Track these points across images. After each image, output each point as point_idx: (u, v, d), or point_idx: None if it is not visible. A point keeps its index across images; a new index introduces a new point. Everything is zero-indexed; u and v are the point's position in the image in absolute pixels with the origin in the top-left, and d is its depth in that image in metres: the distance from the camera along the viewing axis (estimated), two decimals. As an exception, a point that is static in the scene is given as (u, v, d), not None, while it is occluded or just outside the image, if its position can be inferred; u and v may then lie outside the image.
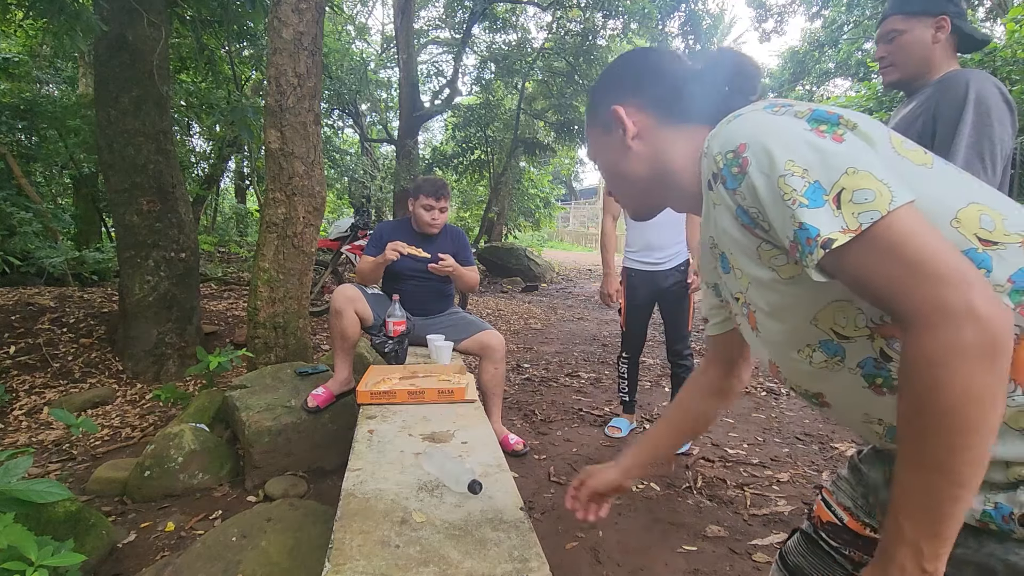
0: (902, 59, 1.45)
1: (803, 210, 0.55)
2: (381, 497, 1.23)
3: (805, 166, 0.55)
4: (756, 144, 0.59)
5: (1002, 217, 0.59)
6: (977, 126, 1.29)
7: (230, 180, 12.31)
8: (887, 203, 0.52)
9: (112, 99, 3.41)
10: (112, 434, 2.77)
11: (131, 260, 3.49)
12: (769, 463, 2.56)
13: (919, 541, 0.52)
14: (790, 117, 0.60)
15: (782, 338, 0.70)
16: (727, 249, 0.70)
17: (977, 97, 1.29)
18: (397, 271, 2.64)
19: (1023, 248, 0.58)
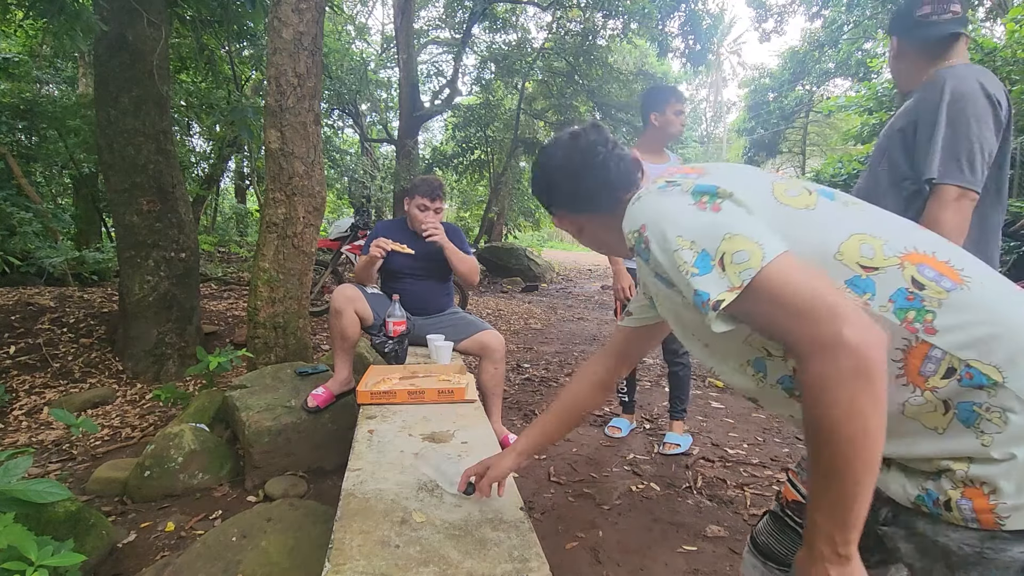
0: (893, 72, 1.54)
1: (695, 278, 0.66)
2: (381, 497, 1.23)
3: (692, 239, 0.67)
4: (652, 225, 0.72)
5: (882, 243, 0.68)
6: (952, 126, 1.26)
7: (230, 180, 12.32)
8: (760, 260, 0.62)
9: (112, 99, 3.41)
10: (112, 434, 2.77)
11: (131, 260, 3.49)
12: (769, 463, 2.56)
13: (831, 532, 0.62)
14: (677, 195, 0.72)
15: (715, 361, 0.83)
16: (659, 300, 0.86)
17: (952, 96, 1.27)
18: (395, 270, 2.64)
19: (900, 269, 0.66)
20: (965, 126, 1.24)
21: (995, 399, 0.63)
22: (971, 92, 1.26)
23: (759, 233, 0.65)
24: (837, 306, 0.58)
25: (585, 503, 2.17)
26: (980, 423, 0.64)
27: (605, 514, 2.09)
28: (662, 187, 0.76)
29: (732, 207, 0.68)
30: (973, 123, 1.24)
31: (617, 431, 2.85)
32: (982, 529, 0.65)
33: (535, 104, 12.18)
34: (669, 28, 10.06)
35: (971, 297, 0.65)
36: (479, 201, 14.48)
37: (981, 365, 0.63)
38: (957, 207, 1.23)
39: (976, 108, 1.25)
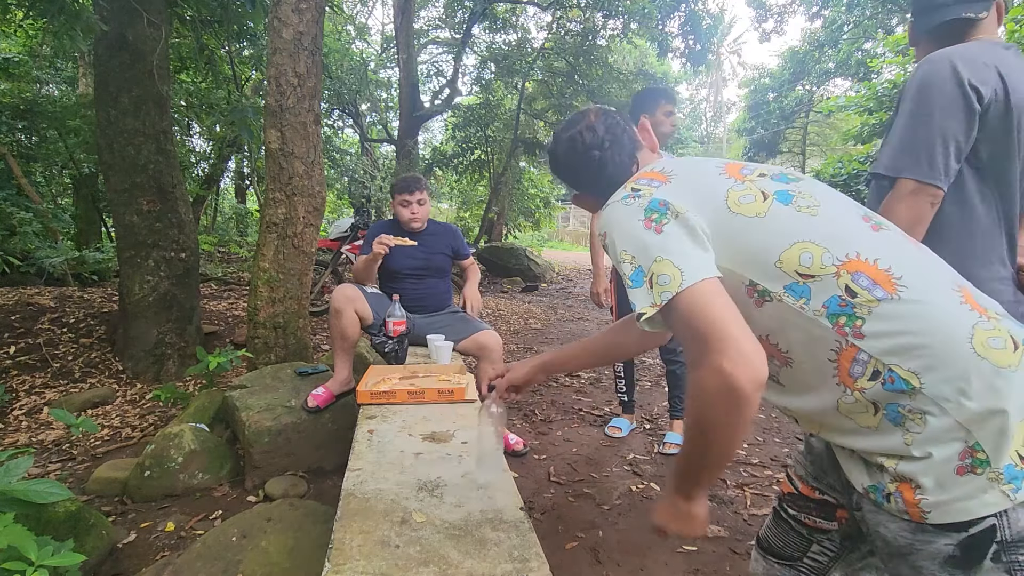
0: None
1: (631, 290, 0.78)
2: (381, 497, 1.23)
3: (633, 254, 0.78)
4: (611, 234, 0.84)
5: (822, 251, 0.74)
6: (912, 116, 1.16)
7: (230, 180, 12.32)
8: (677, 285, 0.72)
9: (112, 99, 3.41)
10: (112, 434, 2.77)
11: (131, 260, 3.48)
12: (769, 463, 2.56)
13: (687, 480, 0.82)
14: (634, 210, 0.81)
15: None
16: None
17: (919, 84, 1.17)
18: (395, 269, 2.64)
19: (835, 278, 0.73)
20: (927, 116, 1.14)
21: (915, 402, 0.69)
22: (938, 79, 1.14)
23: (686, 258, 0.74)
24: (727, 339, 0.68)
25: (585, 503, 2.17)
26: (905, 423, 0.71)
27: (605, 514, 2.09)
28: (624, 198, 0.85)
29: (675, 229, 0.77)
30: (936, 112, 1.14)
31: (617, 431, 2.84)
32: (912, 521, 0.71)
33: (535, 104, 12.17)
34: (669, 28, 10.06)
35: (900, 307, 0.71)
36: (479, 201, 14.48)
37: (901, 371, 0.70)
38: (912, 201, 1.15)
39: (942, 96, 1.14)
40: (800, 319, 0.75)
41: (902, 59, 11.42)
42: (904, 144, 1.17)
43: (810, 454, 0.96)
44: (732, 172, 0.84)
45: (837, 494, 0.91)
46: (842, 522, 0.93)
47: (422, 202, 2.64)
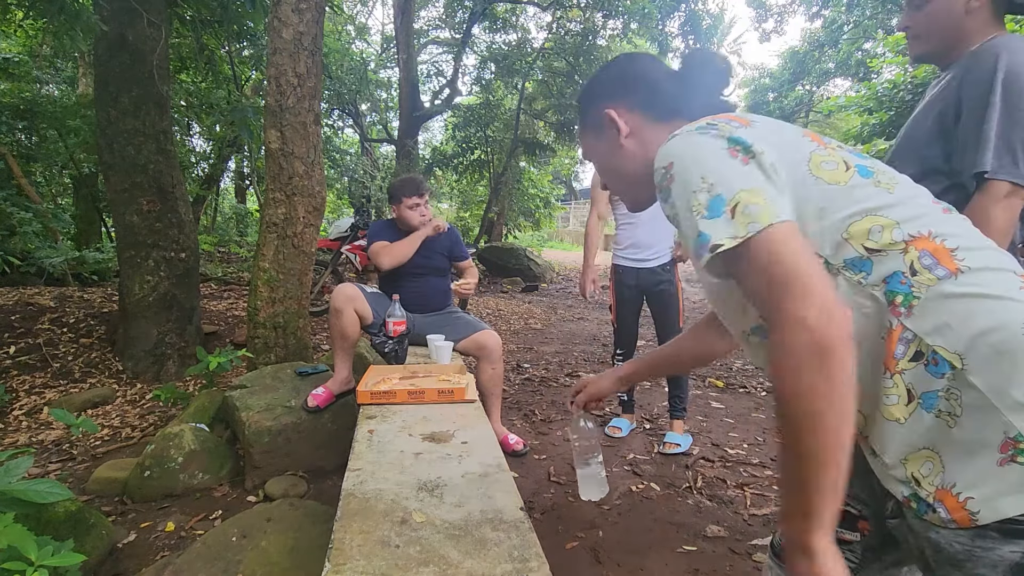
0: (927, 29, 1.24)
1: (703, 220, 0.66)
2: (381, 497, 1.23)
3: (713, 180, 0.67)
4: (680, 162, 0.71)
5: (893, 226, 0.69)
6: (1007, 112, 1.07)
7: (230, 180, 12.32)
8: (768, 218, 0.63)
9: (112, 99, 3.41)
10: (112, 434, 2.77)
11: (131, 260, 3.49)
12: (769, 463, 2.56)
13: (796, 516, 0.61)
14: (713, 137, 0.71)
15: (728, 322, 0.85)
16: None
17: (1007, 75, 1.06)
18: (396, 269, 2.65)
19: (903, 253, 0.68)
20: (1020, 111, 1.06)
21: (955, 384, 0.64)
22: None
23: (775, 197, 0.66)
24: (813, 288, 0.59)
25: (585, 503, 2.17)
26: (940, 412, 0.65)
27: (605, 514, 2.09)
28: (700, 128, 0.75)
29: (757, 167, 0.69)
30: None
31: (617, 431, 2.84)
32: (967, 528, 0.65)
33: (535, 104, 12.17)
34: (669, 28, 10.06)
35: (956, 288, 0.66)
36: (479, 201, 14.48)
37: (946, 352, 0.64)
38: (1007, 204, 1.08)
39: None
40: (856, 295, 0.69)
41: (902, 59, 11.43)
42: (1004, 140, 1.07)
43: None
44: (814, 137, 0.79)
45: (860, 504, 0.85)
46: (864, 533, 0.86)
47: (428, 203, 2.70)
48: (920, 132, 1.25)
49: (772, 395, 0.62)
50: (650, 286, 2.72)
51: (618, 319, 2.83)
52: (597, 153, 0.95)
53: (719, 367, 4.32)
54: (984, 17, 1.19)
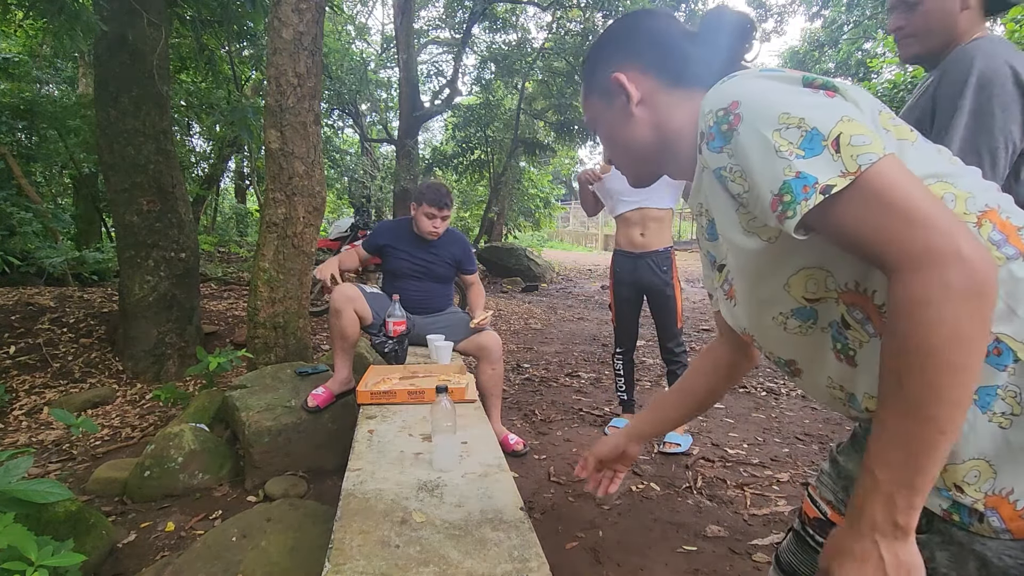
0: (924, 30, 1.23)
1: (800, 161, 0.55)
2: (381, 497, 1.23)
3: (801, 116, 0.56)
4: (750, 101, 0.59)
5: (966, 197, 0.61)
6: (976, 115, 1.09)
7: (230, 180, 12.33)
8: (881, 147, 0.53)
9: (112, 99, 3.41)
10: (112, 434, 2.77)
11: (131, 260, 3.49)
12: (769, 463, 2.56)
13: (893, 492, 0.52)
14: (785, 76, 0.62)
15: (757, 306, 0.72)
16: (714, 214, 0.71)
17: (979, 80, 1.09)
18: (397, 269, 2.66)
19: (977, 227, 0.60)
20: (990, 117, 1.08)
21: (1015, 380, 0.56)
22: (1002, 76, 1.08)
23: (875, 128, 0.57)
24: (953, 220, 0.51)
25: (585, 503, 2.17)
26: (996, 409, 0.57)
27: (605, 514, 2.09)
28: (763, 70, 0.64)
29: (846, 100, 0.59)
30: (999, 113, 1.08)
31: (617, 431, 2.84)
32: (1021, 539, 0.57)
33: (535, 104, 12.17)
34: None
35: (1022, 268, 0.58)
36: (479, 201, 14.48)
37: (1011, 340, 0.57)
38: None
39: (1005, 96, 1.08)
40: None
41: (902, 59, 11.43)
42: (970, 144, 1.10)
43: (840, 477, 0.79)
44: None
45: None
46: None
47: (446, 218, 2.65)
48: None
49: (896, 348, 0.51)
50: (649, 285, 2.70)
51: (617, 317, 2.83)
52: (603, 121, 0.85)
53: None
54: (975, 16, 1.19)
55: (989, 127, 1.08)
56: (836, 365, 0.67)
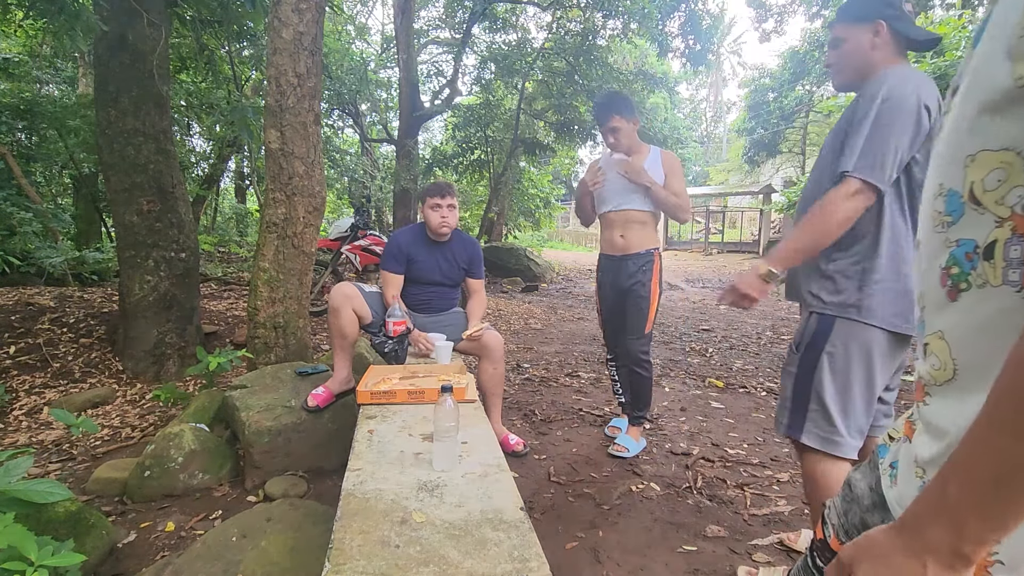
0: (845, 64, 1.47)
1: None
2: (381, 497, 1.23)
3: None
4: None
5: None
6: (877, 126, 1.28)
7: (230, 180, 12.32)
8: None
9: (112, 99, 3.41)
10: (112, 434, 2.77)
11: (131, 260, 3.48)
12: (769, 463, 2.56)
13: (965, 514, 0.42)
14: None
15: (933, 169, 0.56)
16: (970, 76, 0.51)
17: (885, 97, 1.28)
18: (418, 276, 2.64)
19: None
20: (888, 128, 1.27)
21: None
22: (904, 97, 1.27)
23: None
24: None
25: (585, 503, 2.17)
26: None
27: (605, 514, 2.09)
28: None
29: None
30: (897, 127, 1.27)
31: (617, 431, 2.84)
32: None
33: (535, 104, 12.16)
34: (669, 28, 10.06)
35: None
36: (479, 201, 14.47)
37: None
38: (853, 201, 1.29)
39: (902, 114, 1.26)
40: None
41: (902, 59, 11.46)
42: (868, 146, 1.28)
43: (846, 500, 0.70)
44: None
45: None
46: None
47: (452, 207, 2.60)
48: (828, 149, 1.45)
49: None
50: (625, 284, 2.57)
51: (604, 322, 2.76)
52: None
53: (719, 367, 4.32)
54: (887, 53, 1.40)
55: (885, 136, 1.27)
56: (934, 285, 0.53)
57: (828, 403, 1.39)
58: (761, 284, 1.41)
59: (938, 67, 10.22)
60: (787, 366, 1.50)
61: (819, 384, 1.40)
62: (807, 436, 1.43)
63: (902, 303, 1.36)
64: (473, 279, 2.77)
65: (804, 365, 1.43)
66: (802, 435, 1.43)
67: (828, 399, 1.39)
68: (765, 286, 1.41)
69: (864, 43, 1.41)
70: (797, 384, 1.45)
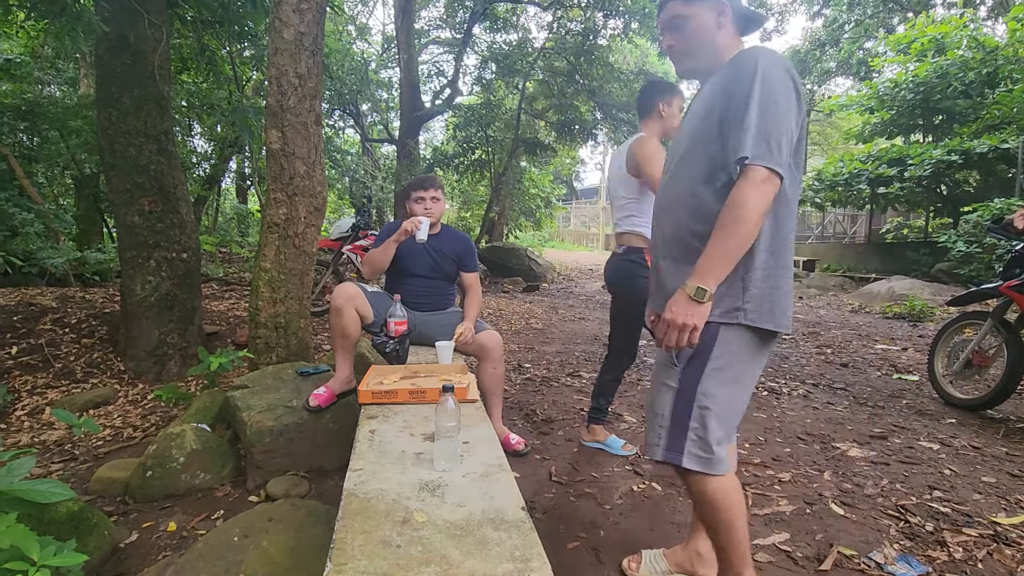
0: (693, 47, 1.36)
1: None
2: (383, 497, 1.23)
3: None
4: None
5: None
6: (764, 106, 1.19)
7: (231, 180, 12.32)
8: None
9: (114, 100, 3.42)
10: (114, 434, 2.78)
11: (132, 260, 3.49)
12: (771, 463, 2.56)
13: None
14: None
15: None
16: None
17: (763, 75, 1.20)
18: (403, 268, 2.65)
19: None
20: (775, 106, 1.18)
21: None
22: (781, 74, 1.21)
23: None
24: None
25: (586, 503, 2.17)
26: None
27: (607, 514, 2.09)
28: None
29: None
30: (783, 105, 1.19)
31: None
32: None
33: (536, 104, 12.17)
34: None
35: None
36: (480, 201, 14.48)
37: None
38: (764, 189, 1.17)
39: (786, 91, 1.20)
40: None
41: (903, 58, 11.44)
42: (759, 131, 1.17)
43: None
44: None
45: None
46: None
47: (436, 199, 2.61)
48: (702, 132, 1.32)
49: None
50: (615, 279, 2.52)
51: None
52: None
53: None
54: (731, 33, 1.35)
55: (775, 117, 1.18)
56: None
57: (710, 419, 1.28)
58: (696, 307, 1.21)
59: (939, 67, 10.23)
60: (664, 381, 1.34)
61: (704, 398, 1.28)
62: (688, 459, 1.30)
63: (784, 301, 1.28)
64: (467, 272, 2.76)
65: (687, 379, 1.30)
66: (683, 458, 1.30)
67: (712, 414, 1.28)
68: (701, 307, 1.21)
69: (710, 22, 1.33)
70: (679, 400, 1.30)
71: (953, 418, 3.19)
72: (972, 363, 3.32)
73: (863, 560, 1.80)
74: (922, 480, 2.38)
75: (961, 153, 8.76)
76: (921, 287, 7.90)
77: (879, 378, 4.15)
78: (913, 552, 1.85)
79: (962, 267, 8.03)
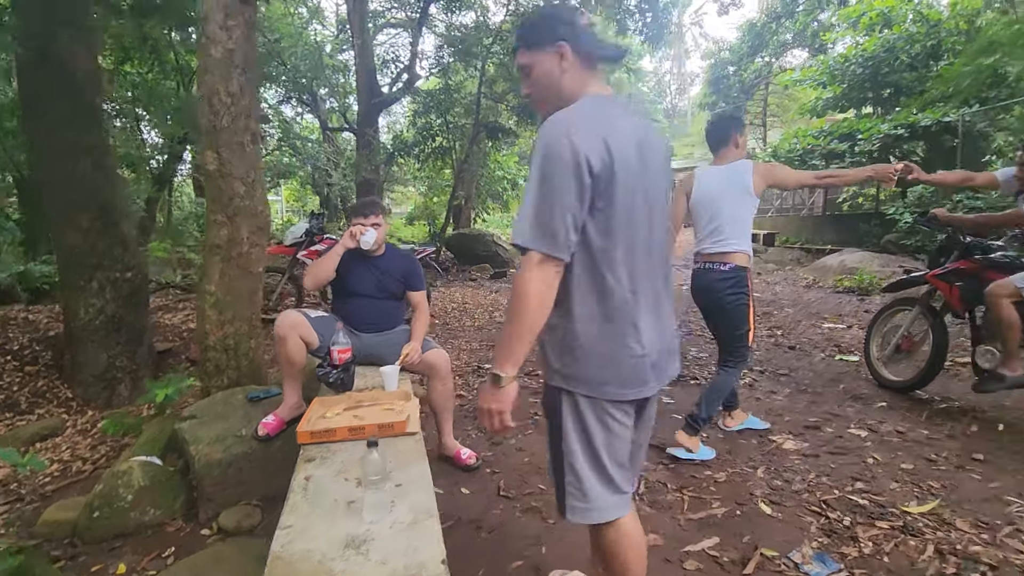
0: (542, 93, 1.35)
1: None
2: (308, 558, 1.28)
3: None
4: None
5: None
6: (541, 186, 1.18)
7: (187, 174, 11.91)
8: None
9: (39, 114, 3.29)
10: (62, 469, 2.75)
11: (74, 283, 3.41)
12: (711, 462, 2.68)
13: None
14: None
15: None
16: None
17: (544, 152, 1.18)
18: (351, 288, 2.66)
19: None
20: (550, 185, 1.17)
21: None
22: (558, 149, 1.16)
23: None
24: None
25: (532, 518, 2.26)
26: None
27: (551, 529, 2.17)
28: None
29: None
30: (557, 182, 1.16)
31: None
32: None
33: (496, 87, 11.99)
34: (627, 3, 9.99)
35: None
36: (445, 186, 14.33)
37: None
38: (540, 272, 1.18)
39: (562, 166, 1.16)
40: None
41: (854, 31, 11.62)
42: (535, 214, 1.18)
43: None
44: None
45: None
46: None
47: (377, 224, 2.66)
48: None
49: None
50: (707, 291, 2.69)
51: None
52: None
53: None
54: (577, 75, 1.31)
55: (549, 197, 1.17)
56: None
57: (581, 470, 1.32)
58: (497, 391, 1.27)
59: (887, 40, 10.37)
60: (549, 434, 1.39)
61: (570, 455, 1.32)
62: (572, 513, 1.34)
63: (609, 369, 1.26)
64: (413, 292, 2.78)
65: (552, 440, 1.37)
66: (567, 514, 1.35)
67: (582, 464, 1.32)
68: (501, 391, 1.27)
69: (552, 68, 1.30)
70: (553, 462, 1.37)
71: (884, 401, 3.37)
72: (901, 348, 3.51)
73: (783, 560, 1.93)
74: (847, 471, 2.53)
75: (907, 127, 9.02)
76: (871, 259, 8.17)
77: (822, 360, 4.34)
78: (829, 549, 1.99)
79: (909, 238, 8.33)
